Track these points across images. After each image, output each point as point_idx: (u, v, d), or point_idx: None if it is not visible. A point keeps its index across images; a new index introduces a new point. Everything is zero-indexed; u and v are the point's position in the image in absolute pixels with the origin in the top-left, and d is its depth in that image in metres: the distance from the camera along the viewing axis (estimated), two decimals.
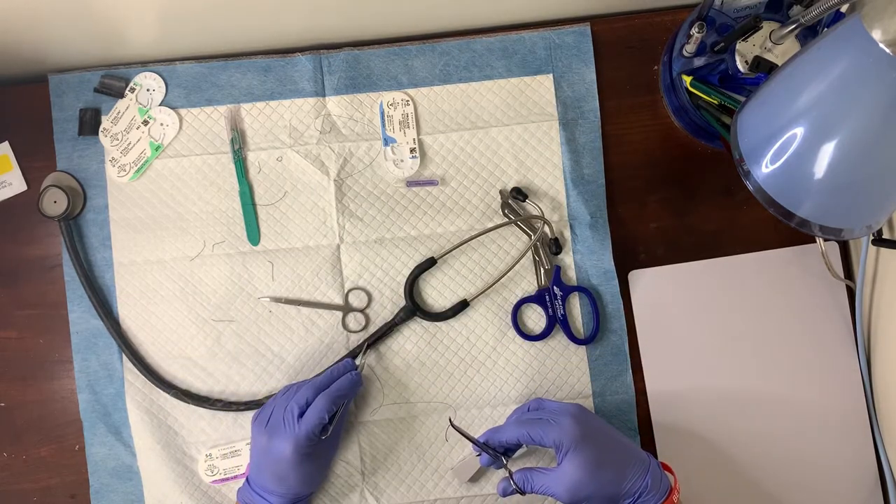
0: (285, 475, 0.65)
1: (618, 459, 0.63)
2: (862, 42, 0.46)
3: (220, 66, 0.76)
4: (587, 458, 0.61)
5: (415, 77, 0.77)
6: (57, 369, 0.75)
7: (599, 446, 0.62)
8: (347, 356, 0.74)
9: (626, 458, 0.63)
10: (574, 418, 0.63)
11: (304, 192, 0.76)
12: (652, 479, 0.62)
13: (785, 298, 0.77)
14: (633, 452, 0.64)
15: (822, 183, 0.52)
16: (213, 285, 0.75)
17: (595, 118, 0.77)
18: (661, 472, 0.64)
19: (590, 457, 0.61)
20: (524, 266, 0.76)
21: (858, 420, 0.76)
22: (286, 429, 0.64)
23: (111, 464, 0.74)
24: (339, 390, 0.67)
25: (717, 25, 0.72)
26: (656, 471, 0.63)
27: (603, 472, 0.61)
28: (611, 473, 0.61)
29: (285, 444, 0.64)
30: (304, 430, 0.64)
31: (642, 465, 0.63)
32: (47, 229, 0.76)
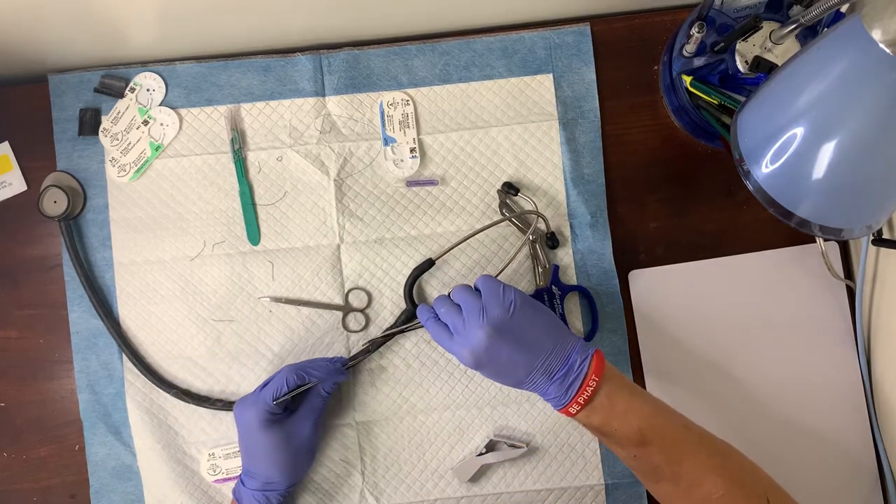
0: (253, 449, 0.67)
1: (528, 340, 0.61)
2: (862, 42, 0.46)
3: (220, 66, 0.76)
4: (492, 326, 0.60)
5: (415, 77, 0.77)
6: (57, 369, 0.75)
7: (513, 321, 0.61)
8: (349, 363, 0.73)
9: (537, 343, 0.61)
10: (486, 284, 0.62)
11: (304, 192, 0.76)
12: (567, 374, 0.60)
13: (785, 298, 0.77)
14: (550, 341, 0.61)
15: (822, 183, 0.52)
16: (213, 285, 0.75)
17: (595, 118, 0.77)
18: (579, 367, 0.61)
19: (496, 325, 0.60)
20: (524, 266, 0.76)
21: (858, 420, 0.76)
22: (250, 396, 0.68)
23: (111, 464, 0.74)
24: (306, 366, 0.68)
25: (717, 25, 0.72)
26: (579, 367, 0.61)
27: (506, 345, 0.60)
28: (516, 351, 0.60)
29: (249, 411, 0.66)
30: (262, 394, 0.66)
31: (556, 356, 0.61)
32: (47, 229, 0.76)
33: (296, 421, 0.68)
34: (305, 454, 0.69)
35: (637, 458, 0.60)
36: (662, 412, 0.61)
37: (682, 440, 0.59)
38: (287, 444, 0.67)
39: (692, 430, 0.60)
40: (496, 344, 0.60)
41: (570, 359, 0.61)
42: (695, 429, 0.61)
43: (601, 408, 0.60)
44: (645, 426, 0.59)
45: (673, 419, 0.61)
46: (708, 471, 0.57)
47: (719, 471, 0.57)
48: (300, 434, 0.68)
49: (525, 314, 0.62)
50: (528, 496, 0.74)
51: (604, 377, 0.60)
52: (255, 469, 0.67)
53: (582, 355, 0.61)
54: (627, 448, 0.60)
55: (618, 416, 0.59)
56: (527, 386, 0.62)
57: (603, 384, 0.60)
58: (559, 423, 0.75)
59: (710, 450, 0.59)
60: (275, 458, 0.67)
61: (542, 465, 0.75)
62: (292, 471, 0.68)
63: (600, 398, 0.60)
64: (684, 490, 0.58)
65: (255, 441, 0.67)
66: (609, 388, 0.60)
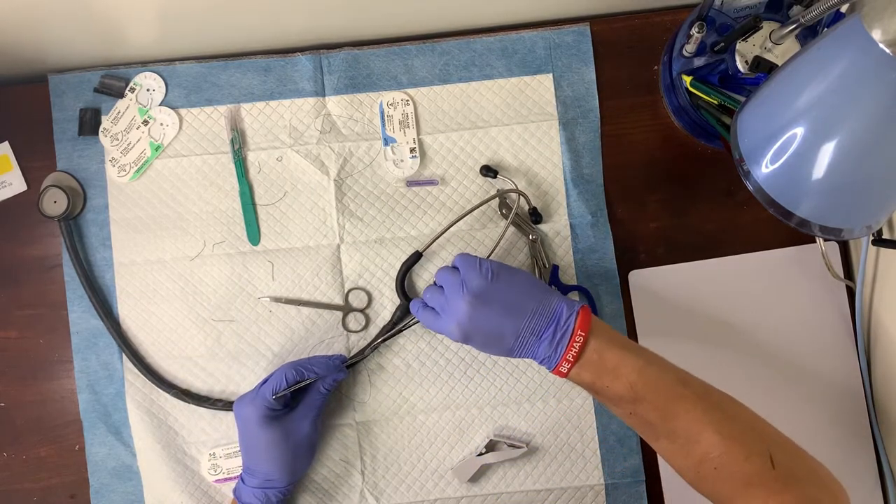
0: (253, 446, 0.67)
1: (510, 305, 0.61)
2: (862, 42, 0.46)
3: (220, 66, 0.76)
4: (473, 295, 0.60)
5: (415, 77, 0.77)
6: (57, 369, 0.75)
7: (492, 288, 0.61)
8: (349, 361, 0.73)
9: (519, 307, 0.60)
10: (462, 262, 0.63)
11: (304, 192, 0.76)
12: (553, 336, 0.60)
13: (785, 298, 0.77)
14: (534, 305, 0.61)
15: (822, 183, 0.52)
16: (213, 285, 0.75)
17: (595, 118, 0.77)
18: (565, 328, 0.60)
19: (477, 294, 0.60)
20: (524, 266, 0.76)
21: (858, 420, 0.76)
22: (249, 393, 0.68)
23: (111, 464, 0.74)
24: (305, 362, 0.69)
25: (717, 25, 0.72)
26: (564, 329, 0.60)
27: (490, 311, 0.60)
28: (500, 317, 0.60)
29: (248, 408, 0.67)
30: (261, 391, 0.67)
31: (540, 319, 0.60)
32: (47, 229, 0.76)
33: (295, 418, 0.68)
34: (305, 451, 0.69)
35: (633, 416, 0.58)
36: (656, 366, 0.59)
37: (677, 395, 0.57)
38: (286, 441, 0.67)
39: (689, 385, 0.58)
40: (479, 311, 0.60)
41: (555, 316, 0.60)
42: (692, 383, 0.58)
43: (591, 364, 0.58)
44: (637, 381, 0.57)
45: (667, 373, 0.59)
46: (705, 427, 0.55)
47: (717, 426, 0.55)
48: (300, 431, 0.68)
49: (504, 279, 0.61)
50: (528, 496, 0.75)
51: (592, 332, 0.59)
52: (254, 467, 0.67)
53: (568, 311, 0.60)
54: (621, 405, 0.59)
55: (609, 372, 0.58)
56: (517, 351, 0.61)
57: (591, 339, 0.59)
58: (559, 423, 0.75)
59: (707, 404, 0.57)
60: (274, 455, 0.67)
61: (542, 465, 0.75)
62: (292, 468, 0.68)
63: (589, 354, 0.58)
64: (682, 447, 0.56)
65: (254, 438, 0.67)
66: (598, 344, 0.59)
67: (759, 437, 0.55)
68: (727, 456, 0.54)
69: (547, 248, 0.76)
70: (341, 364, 0.71)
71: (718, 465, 0.54)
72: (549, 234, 0.76)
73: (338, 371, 0.70)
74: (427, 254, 0.75)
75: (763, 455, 0.53)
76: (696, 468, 0.55)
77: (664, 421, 0.57)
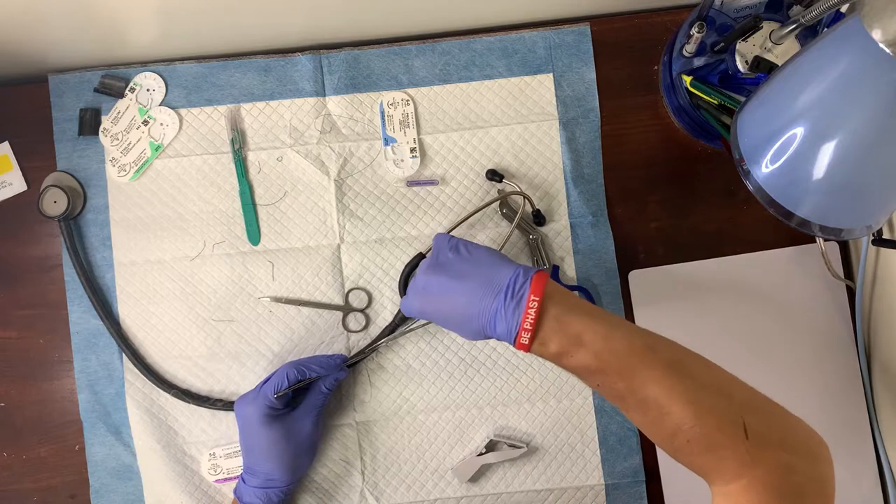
0: (254, 446, 0.67)
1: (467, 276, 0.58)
2: (862, 42, 0.46)
3: (220, 66, 0.76)
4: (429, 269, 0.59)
5: (415, 77, 0.77)
6: (57, 369, 0.75)
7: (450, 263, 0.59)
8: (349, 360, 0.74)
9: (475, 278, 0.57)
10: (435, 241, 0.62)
11: (304, 192, 0.76)
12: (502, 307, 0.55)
13: (785, 298, 0.77)
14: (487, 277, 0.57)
15: (822, 183, 0.52)
16: (213, 285, 0.75)
17: (595, 118, 0.77)
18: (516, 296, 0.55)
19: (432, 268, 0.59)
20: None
21: (858, 420, 0.76)
22: (251, 392, 0.69)
23: (111, 464, 0.74)
24: (306, 361, 0.69)
25: (717, 25, 0.72)
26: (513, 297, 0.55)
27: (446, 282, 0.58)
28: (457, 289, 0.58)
29: (249, 407, 0.67)
30: (263, 390, 0.67)
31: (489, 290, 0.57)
32: (47, 229, 0.76)
33: (296, 417, 0.68)
34: (306, 451, 0.69)
35: (601, 387, 0.54)
36: (622, 331, 0.54)
37: (645, 363, 0.52)
38: (287, 441, 0.67)
39: (657, 351, 0.53)
40: (433, 279, 0.58)
41: (509, 282, 0.55)
42: (661, 349, 0.54)
43: (553, 333, 0.54)
44: (602, 349, 0.53)
45: (634, 339, 0.54)
46: (675, 397, 0.51)
47: (688, 396, 0.51)
48: (301, 430, 0.68)
49: (464, 251, 0.59)
50: (528, 496, 0.75)
51: (549, 297, 0.54)
52: (255, 466, 0.67)
53: (522, 277, 0.55)
54: (589, 377, 0.55)
55: (571, 341, 0.53)
56: (478, 324, 0.57)
57: (550, 306, 0.54)
58: (559, 423, 0.75)
59: (677, 372, 0.52)
60: (275, 454, 0.67)
61: (542, 465, 0.75)
62: (293, 467, 0.68)
63: (549, 322, 0.54)
64: (654, 419, 0.52)
65: (255, 437, 0.67)
66: (558, 311, 0.54)
67: (732, 404, 0.52)
68: (699, 427, 0.50)
69: (547, 248, 0.76)
70: (342, 363, 0.71)
71: (691, 438, 0.51)
72: (549, 234, 0.76)
73: (338, 370, 0.70)
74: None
75: (736, 424, 0.51)
76: (670, 440, 0.52)
77: (632, 392, 0.53)
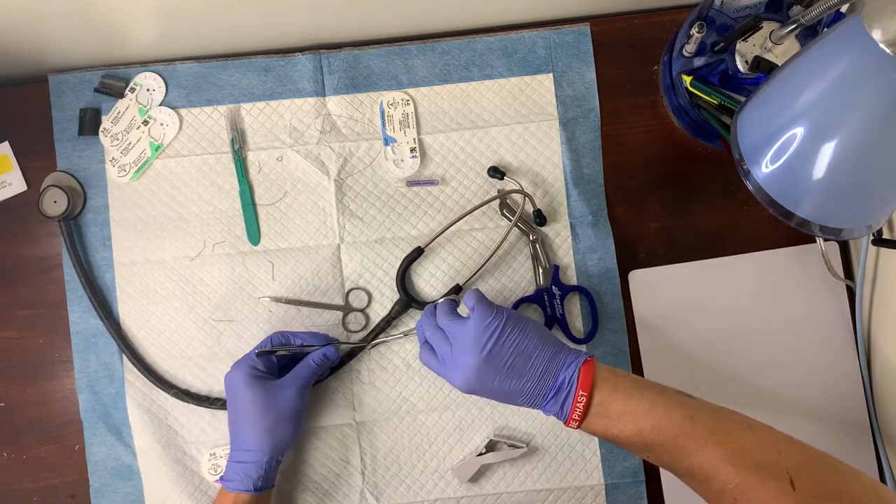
0: (235, 409, 0.67)
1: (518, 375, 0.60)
2: (862, 42, 0.46)
3: (220, 66, 0.76)
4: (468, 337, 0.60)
5: (415, 77, 0.77)
6: (57, 369, 0.75)
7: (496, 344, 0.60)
8: (347, 357, 0.74)
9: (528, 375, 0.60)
10: (473, 297, 0.63)
11: (304, 192, 0.76)
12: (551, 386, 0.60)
13: (785, 298, 0.77)
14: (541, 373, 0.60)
15: (822, 183, 0.52)
16: (213, 285, 0.75)
17: (595, 118, 0.77)
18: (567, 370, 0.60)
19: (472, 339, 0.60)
20: (524, 266, 0.76)
21: (858, 420, 0.76)
22: (239, 359, 0.69)
23: (111, 464, 0.74)
24: (293, 332, 0.70)
25: (717, 25, 0.72)
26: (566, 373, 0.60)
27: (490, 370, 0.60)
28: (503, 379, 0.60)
29: (235, 368, 0.68)
30: (249, 353, 0.69)
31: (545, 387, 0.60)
32: (47, 229, 0.76)
33: (279, 385, 0.67)
34: (287, 420, 0.67)
35: (650, 458, 0.59)
36: (661, 406, 0.58)
37: (685, 434, 0.56)
38: (268, 406, 0.66)
39: (696, 422, 0.56)
40: (486, 374, 0.60)
41: (558, 379, 0.60)
42: (700, 417, 0.57)
43: (598, 416, 0.59)
44: (644, 426, 0.57)
45: (673, 413, 0.57)
46: (718, 461, 0.54)
47: (731, 459, 0.54)
48: (282, 398, 0.67)
49: (513, 339, 0.61)
50: (528, 496, 0.75)
51: (595, 386, 0.59)
52: (236, 435, 0.67)
53: (569, 372, 0.59)
54: (636, 450, 0.59)
55: (615, 422, 0.58)
56: (523, 405, 0.61)
57: (595, 393, 0.59)
58: (559, 423, 0.75)
59: (717, 438, 0.55)
60: (253, 417, 0.66)
61: (542, 465, 0.75)
62: (272, 438, 0.66)
63: (595, 408, 0.59)
64: (701, 483, 0.56)
65: (237, 400, 0.67)
66: (601, 397, 0.59)
67: (776, 461, 0.54)
68: (743, 486, 0.53)
69: (547, 248, 0.76)
70: (333, 340, 0.71)
71: (737, 496, 0.53)
72: (549, 234, 0.76)
73: (327, 345, 0.69)
74: (427, 251, 0.75)
75: (781, 479, 0.52)
76: (717, 499, 0.55)
77: (677, 462, 0.56)
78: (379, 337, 0.74)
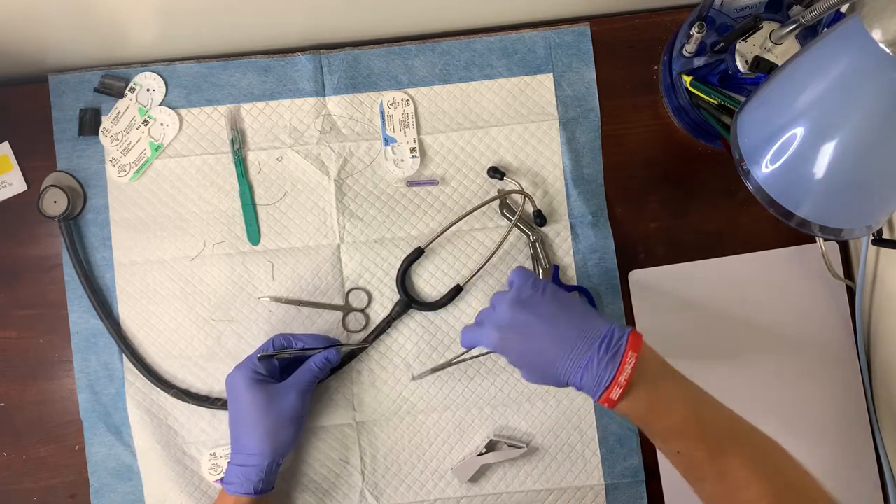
0: (237, 413, 0.67)
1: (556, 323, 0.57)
2: (862, 42, 0.46)
3: (220, 66, 0.76)
4: (518, 302, 0.58)
5: (415, 77, 0.77)
6: (57, 369, 0.75)
7: (539, 302, 0.58)
8: (347, 358, 0.74)
9: (565, 326, 0.57)
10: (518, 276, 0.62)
11: (304, 192, 0.76)
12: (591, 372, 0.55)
13: (785, 298, 0.77)
14: (578, 327, 0.57)
15: (822, 183, 0.52)
16: (213, 285, 0.75)
17: (595, 118, 0.77)
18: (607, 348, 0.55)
19: (521, 303, 0.58)
20: (524, 266, 0.76)
21: (858, 420, 0.76)
22: (241, 362, 0.69)
23: (111, 464, 0.74)
24: (294, 334, 0.70)
25: (717, 25, 0.72)
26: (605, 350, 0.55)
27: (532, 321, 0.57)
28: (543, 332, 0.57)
29: (236, 371, 0.68)
30: (251, 355, 0.68)
31: (583, 341, 0.56)
32: (47, 229, 0.76)
33: (281, 388, 0.67)
34: (287, 425, 0.67)
35: (680, 454, 0.55)
36: (709, 401, 0.55)
37: (729, 434, 0.54)
38: (268, 409, 0.66)
39: (740, 424, 0.55)
40: (519, 315, 0.57)
41: (605, 334, 0.55)
42: (743, 423, 0.55)
43: (644, 393, 0.54)
44: (691, 416, 0.53)
45: (720, 409, 0.55)
46: (753, 473, 0.52)
47: (768, 475, 0.52)
48: (284, 402, 0.66)
49: (552, 293, 0.58)
50: (528, 496, 0.75)
51: (644, 358, 0.54)
52: (237, 438, 0.67)
53: (619, 332, 0.55)
54: (671, 441, 0.55)
55: (662, 403, 0.54)
56: (561, 370, 0.56)
57: (644, 367, 0.54)
58: (559, 423, 0.75)
59: (757, 449, 0.54)
60: (254, 420, 0.65)
61: (542, 465, 0.75)
62: (273, 441, 0.66)
63: (642, 382, 0.54)
64: (727, 491, 0.53)
65: (238, 402, 0.66)
66: (651, 372, 0.54)
67: (807, 498, 0.53)
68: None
69: (547, 248, 0.76)
70: (334, 342, 0.70)
71: None
72: (549, 234, 0.76)
73: (329, 348, 0.69)
74: (427, 251, 0.75)
75: None
76: None
77: (713, 461, 0.53)
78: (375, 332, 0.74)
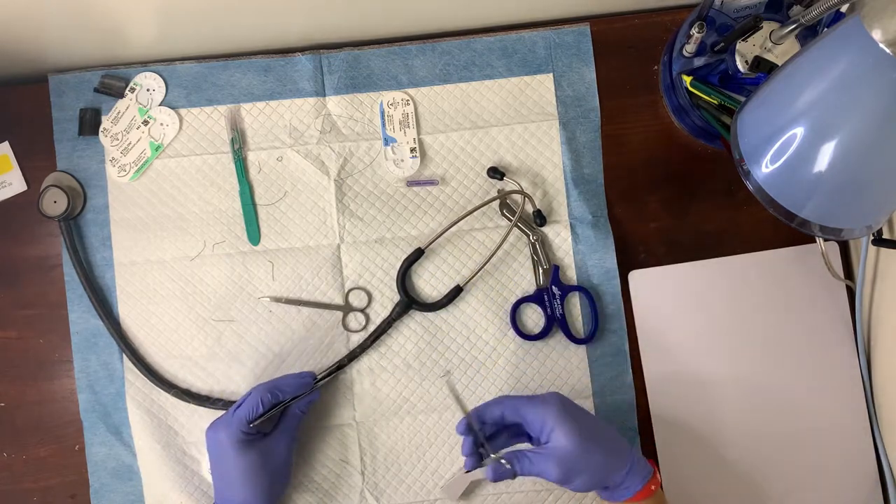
0: (228, 473, 0.65)
1: (603, 438, 0.63)
2: (862, 42, 0.46)
3: (220, 66, 0.76)
4: (574, 430, 0.61)
5: (415, 77, 0.77)
6: (57, 369, 0.75)
7: (583, 423, 0.62)
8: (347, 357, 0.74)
9: (610, 440, 0.64)
10: (557, 398, 0.64)
11: (304, 192, 0.76)
12: (635, 463, 0.63)
13: (785, 298, 0.77)
14: (616, 437, 0.65)
15: (822, 183, 0.52)
16: (213, 285, 0.75)
17: (595, 118, 0.77)
18: (642, 458, 0.65)
19: (576, 429, 0.61)
20: (525, 266, 0.76)
21: (858, 420, 0.76)
22: (223, 418, 0.66)
23: (111, 464, 0.74)
24: (277, 384, 0.67)
25: (717, 25, 0.72)
26: (639, 457, 0.65)
27: (591, 445, 0.61)
28: (599, 450, 0.61)
29: (222, 433, 0.65)
30: (236, 416, 0.65)
31: (625, 450, 0.64)
32: (47, 229, 0.76)
33: (271, 442, 0.66)
34: (282, 476, 0.67)
35: None
36: None
37: None
38: (264, 467, 0.65)
39: None
40: (585, 446, 0.61)
41: (632, 453, 0.64)
42: None
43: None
44: None
45: None
46: None
47: None
48: (276, 455, 0.66)
49: (594, 421, 0.65)
50: (528, 496, 0.75)
51: None
52: (230, 494, 0.65)
53: (637, 455, 0.64)
54: None
55: None
56: (604, 474, 0.63)
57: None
58: None
59: None
60: (253, 481, 0.64)
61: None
62: (269, 494, 0.65)
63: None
64: None
65: (230, 464, 0.64)
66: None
67: None
68: None
69: (547, 248, 0.76)
70: (312, 381, 0.70)
71: None
72: (549, 234, 0.76)
73: (310, 392, 0.69)
74: (427, 251, 0.75)
75: None
76: None
77: None
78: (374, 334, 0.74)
